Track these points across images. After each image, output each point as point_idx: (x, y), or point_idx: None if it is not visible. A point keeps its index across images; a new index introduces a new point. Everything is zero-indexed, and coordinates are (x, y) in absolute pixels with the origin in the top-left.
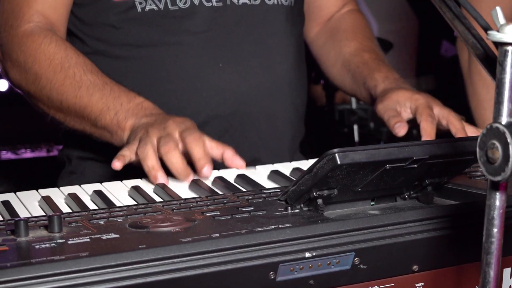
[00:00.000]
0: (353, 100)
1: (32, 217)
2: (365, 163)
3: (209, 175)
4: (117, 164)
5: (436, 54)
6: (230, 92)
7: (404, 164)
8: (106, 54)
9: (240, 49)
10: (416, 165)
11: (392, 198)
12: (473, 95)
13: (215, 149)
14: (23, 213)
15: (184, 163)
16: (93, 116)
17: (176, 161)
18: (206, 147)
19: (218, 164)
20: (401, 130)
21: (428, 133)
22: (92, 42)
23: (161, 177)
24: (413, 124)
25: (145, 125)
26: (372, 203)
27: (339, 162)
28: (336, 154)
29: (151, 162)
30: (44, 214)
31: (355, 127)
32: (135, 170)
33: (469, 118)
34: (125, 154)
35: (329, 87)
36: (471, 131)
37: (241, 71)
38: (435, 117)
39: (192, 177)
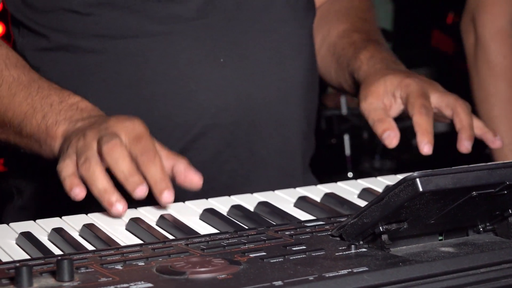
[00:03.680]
0: (344, 104)
1: (29, 259)
2: (450, 190)
3: (170, 202)
4: (79, 193)
5: (427, 45)
6: (233, 95)
7: (493, 190)
8: (69, 49)
9: (245, 40)
10: (506, 191)
11: (462, 231)
12: (479, 87)
13: (165, 159)
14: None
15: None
16: (16, 121)
17: (126, 167)
18: (163, 166)
19: (232, 189)
20: (392, 141)
21: (423, 129)
22: (52, 34)
23: (119, 202)
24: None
25: (81, 130)
26: (440, 237)
27: (421, 189)
28: (418, 180)
29: (101, 184)
30: (37, 256)
31: (346, 137)
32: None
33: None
34: (74, 173)
35: None
36: (478, 127)
37: (247, 67)
38: (430, 107)
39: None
